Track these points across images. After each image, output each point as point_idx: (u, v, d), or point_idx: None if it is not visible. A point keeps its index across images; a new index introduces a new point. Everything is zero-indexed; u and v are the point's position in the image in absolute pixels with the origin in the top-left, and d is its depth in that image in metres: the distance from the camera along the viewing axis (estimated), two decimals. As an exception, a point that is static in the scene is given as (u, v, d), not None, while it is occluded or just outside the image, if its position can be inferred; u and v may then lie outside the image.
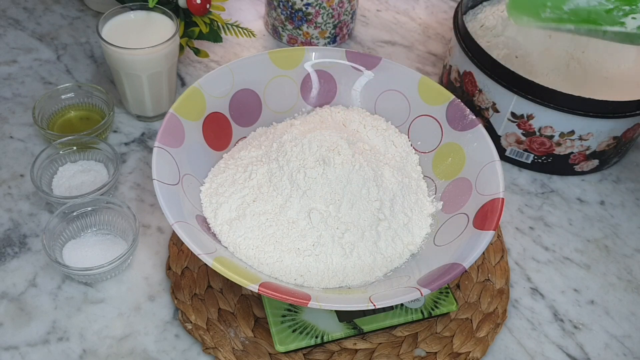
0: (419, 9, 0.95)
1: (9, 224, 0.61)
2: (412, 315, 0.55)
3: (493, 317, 0.57)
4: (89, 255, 0.57)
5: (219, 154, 0.61)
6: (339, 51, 0.65)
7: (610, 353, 0.57)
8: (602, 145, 0.68)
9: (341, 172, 0.53)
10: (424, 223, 0.56)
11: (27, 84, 0.76)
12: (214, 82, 0.60)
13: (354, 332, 0.54)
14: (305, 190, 0.53)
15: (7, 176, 0.66)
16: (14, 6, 0.87)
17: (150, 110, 0.71)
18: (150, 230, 0.62)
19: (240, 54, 0.83)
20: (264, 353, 0.53)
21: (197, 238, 0.48)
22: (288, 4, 0.80)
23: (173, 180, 0.53)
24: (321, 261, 0.51)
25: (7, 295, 0.56)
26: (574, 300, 0.61)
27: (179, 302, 0.56)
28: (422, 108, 0.63)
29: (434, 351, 0.55)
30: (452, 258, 0.50)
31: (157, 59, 0.65)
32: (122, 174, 0.67)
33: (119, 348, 0.53)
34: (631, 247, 0.66)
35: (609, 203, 0.70)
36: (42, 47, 0.81)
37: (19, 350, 0.53)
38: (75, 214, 0.59)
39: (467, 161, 0.58)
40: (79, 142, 0.65)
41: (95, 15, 0.87)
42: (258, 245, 0.52)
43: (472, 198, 0.55)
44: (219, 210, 0.54)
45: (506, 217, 0.67)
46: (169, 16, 0.68)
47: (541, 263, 0.63)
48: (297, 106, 0.65)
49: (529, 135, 0.68)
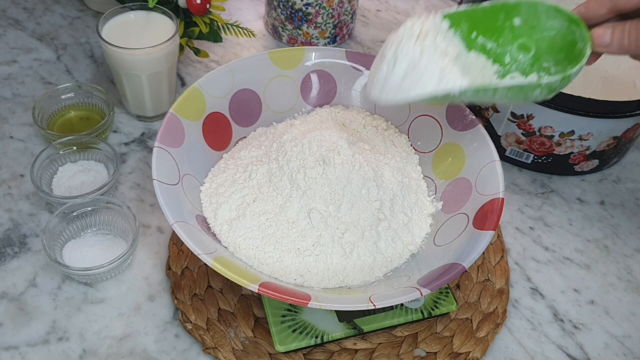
0: (419, 9, 0.95)
1: (9, 224, 0.61)
2: (412, 315, 0.55)
3: (493, 317, 0.57)
4: (89, 255, 0.57)
5: (219, 154, 0.61)
6: (339, 51, 0.65)
7: (610, 353, 0.57)
8: (602, 145, 0.68)
9: (341, 172, 0.53)
10: (424, 223, 0.56)
11: (27, 84, 0.76)
12: (214, 82, 0.60)
13: (354, 332, 0.54)
14: (305, 190, 0.53)
15: (7, 176, 0.66)
16: (14, 6, 0.87)
17: (150, 110, 0.71)
18: (150, 230, 0.62)
19: (240, 54, 0.83)
20: (264, 353, 0.53)
21: (197, 238, 0.48)
22: (288, 4, 0.80)
23: (173, 180, 0.53)
24: (321, 261, 0.51)
25: (7, 295, 0.56)
26: (574, 300, 0.61)
27: (179, 302, 0.56)
28: (422, 108, 0.63)
29: (434, 351, 0.55)
30: (452, 258, 0.50)
31: (157, 59, 0.65)
32: (122, 174, 0.67)
33: (119, 348, 0.53)
34: (631, 247, 0.66)
35: (609, 203, 0.70)
36: (42, 47, 0.81)
37: (19, 350, 0.53)
38: (75, 214, 0.59)
39: (467, 161, 0.58)
40: (79, 142, 0.65)
41: (95, 15, 0.87)
42: (258, 245, 0.52)
43: (472, 198, 0.55)
44: (218, 210, 0.54)
45: (506, 217, 0.67)
46: (169, 16, 0.68)
47: (541, 263, 0.63)
48: (297, 106, 0.65)
49: (529, 135, 0.68)
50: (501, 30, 0.49)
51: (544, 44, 0.48)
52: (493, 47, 0.50)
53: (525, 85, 0.45)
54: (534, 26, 0.48)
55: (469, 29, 0.50)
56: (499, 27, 0.49)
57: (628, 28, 0.43)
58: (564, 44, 0.47)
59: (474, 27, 0.50)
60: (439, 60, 0.46)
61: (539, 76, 0.48)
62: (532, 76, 0.48)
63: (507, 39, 0.49)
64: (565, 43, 0.46)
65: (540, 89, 0.45)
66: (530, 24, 0.48)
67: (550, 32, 0.47)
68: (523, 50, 0.49)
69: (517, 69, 0.49)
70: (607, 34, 0.44)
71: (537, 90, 0.45)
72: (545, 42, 0.48)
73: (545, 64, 0.48)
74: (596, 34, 0.44)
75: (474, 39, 0.50)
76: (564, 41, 0.46)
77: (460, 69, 0.47)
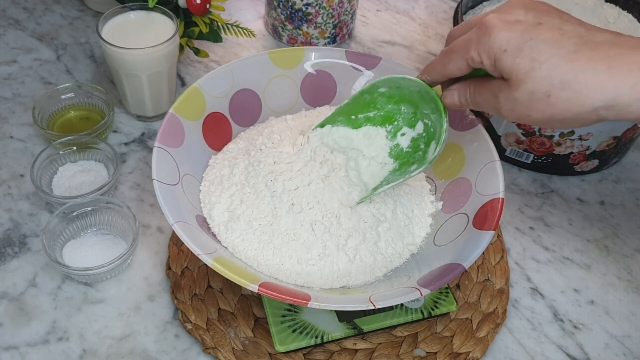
0: (419, 9, 0.95)
1: (9, 224, 0.61)
2: (412, 315, 0.55)
3: (493, 317, 0.57)
4: (89, 255, 0.57)
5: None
6: (339, 51, 0.65)
7: (610, 353, 0.57)
8: (602, 145, 0.68)
9: None
10: (424, 223, 0.56)
11: (27, 84, 0.76)
12: (214, 82, 0.60)
13: (354, 332, 0.54)
14: (291, 206, 0.52)
15: (7, 176, 0.66)
16: (14, 6, 0.87)
17: (150, 110, 0.71)
18: (150, 230, 0.62)
19: (240, 54, 0.83)
20: (264, 353, 0.53)
21: (196, 238, 0.48)
22: (288, 4, 0.80)
23: (173, 180, 0.53)
24: (326, 268, 0.51)
25: (7, 295, 0.56)
26: (574, 300, 0.61)
27: (179, 302, 0.56)
28: (422, 108, 0.63)
29: (434, 351, 0.55)
30: (452, 258, 0.50)
31: (157, 59, 0.65)
32: (122, 174, 0.67)
33: (119, 348, 0.53)
34: (631, 247, 0.66)
35: (609, 203, 0.70)
36: (42, 47, 0.81)
37: (19, 350, 0.53)
38: (75, 214, 0.59)
39: (467, 161, 0.58)
40: (79, 142, 0.65)
41: (95, 15, 0.87)
42: (256, 247, 0.52)
43: (472, 198, 0.55)
44: (212, 211, 0.54)
45: (506, 217, 0.67)
46: (169, 16, 0.68)
47: (541, 263, 0.63)
48: (297, 106, 0.65)
49: (528, 135, 0.68)
50: (374, 101, 0.54)
51: (415, 97, 0.52)
52: (376, 114, 0.55)
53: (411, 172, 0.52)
54: (399, 87, 0.52)
55: (347, 115, 0.55)
56: (370, 101, 0.54)
57: (463, 89, 0.47)
58: (429, 98, 0.51)
59: (349, 113, 0.55)
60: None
61: (424, 123, 0.53)
62: (419, 125, 0.53)
63: (382, 102, 0.54)
64: (430, 97, 0.50)
65: (425, 165, 0.51)
66: (395, 87, 0.53)
67: (414, 88, 0.51)
68: (402, 104, 0.54)
69: (404, 122, 0.54)
70: (455, 95, 0.48)
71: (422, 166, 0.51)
72: (414, 95, 0.52)
73: (425, 111, 0.52)
74: (446, 99, 0.49)
75: (354, 119, 0.55)
76: (428, 95, 0.50)
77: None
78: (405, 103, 0.54)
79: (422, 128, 0.53)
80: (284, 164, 0.54)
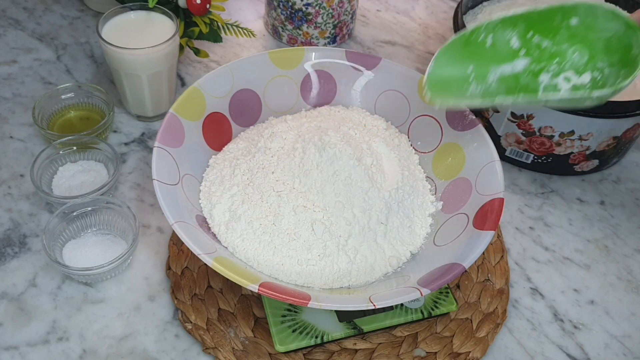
0: (419, 9, 0.95)
1: (9, 224, 0.61)
2: (412, 315, 0.55)
3: (493, 317, 0.57)
4: (89, 255, 0.57)
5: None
6: (339, 51, 0.65)
7: (610, 353, 0.57)
8: (602, 145, 0.68)
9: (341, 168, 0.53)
10: (424, 223, 0.56)
11: (27, 84, 0.76)
12: (214, 82, 0.60)
13: (354, 332, 0.54)
14: (296, 207, 0.52)
15: (7, 176, 0.66)
16: (14, 6, 0.87)
17: (150, 110, 0.71)
18: (150, 230, 0.62)
19: (240, 54, 0.83)
20: (264, 353, 0.53)
21: (197, 238, 0.48)
22: (288, 4, 0.80)
23: (173, 180, 0.53)
24: (326, 268, 0.51)
25: (7, 295, 0.56)
26: (574, 300, 0.61)
27: (179, 302, 0.56)
28: (422, 108, 0.63)
29: (434, 351, 0.55)
30: (452, 258, 0.50)
31: (157, 59, 0.65)
32: (122, 174, 0.67)
33: (119, 348, 0.53)
34: (631, 247, 0.66)
35: (609, 203, 0.70)
36: (42, 47, 0.81)
37: (19, 350, 0.53)
38: (75, 214, 0.59)
39: (467, 161, 0.58)
40: (79, 142, 0.65)
41: (95, 15, 0.87)
42: (256, 248, 0.52)
43: (472, 198, 0.55)
44: (213, 211, 0.54)
45: (506, 217, 0.67)
46: (169, 16, 0.68)
47: (541, 263, 0.63)
48: (297, 106, 0.65)
49: (528, 135, 0.68)
50: (557, 29, 0.51)
51: (600, 44, 0.49)
52: (548, 46, 0.51)
53: (576, 98, 0.47)
54: (590, 26, 0.49)
55: (526, 28, 0.52)
56: (555, 27, 0.51)
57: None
58: (620, 47, 0.47)
59: (530, 27, 0.52)
60: None
61: (592, 76, 0.49)
62: (586, 75, 0.49)
63: (562, 37, 0.51)
64: (621, 46, 0.47)
65: (590, 101, 0.46)
66: (587, 25, 0.49)
67: (606, 33, 0.48)
68: (578, 48, 0.51)
69: (572, 67, 0.51)
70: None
71: (588, 102, 0.47)
72: (600, 42, 0.49)
73: (599, 64, 0.49)
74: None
75: (529, 38, 0.52)
76: (620, 44, 0.47)
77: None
78: (583, 49, 0.50)
79: (588, 79, 0.50)
80: (289, 164, 0.54)
